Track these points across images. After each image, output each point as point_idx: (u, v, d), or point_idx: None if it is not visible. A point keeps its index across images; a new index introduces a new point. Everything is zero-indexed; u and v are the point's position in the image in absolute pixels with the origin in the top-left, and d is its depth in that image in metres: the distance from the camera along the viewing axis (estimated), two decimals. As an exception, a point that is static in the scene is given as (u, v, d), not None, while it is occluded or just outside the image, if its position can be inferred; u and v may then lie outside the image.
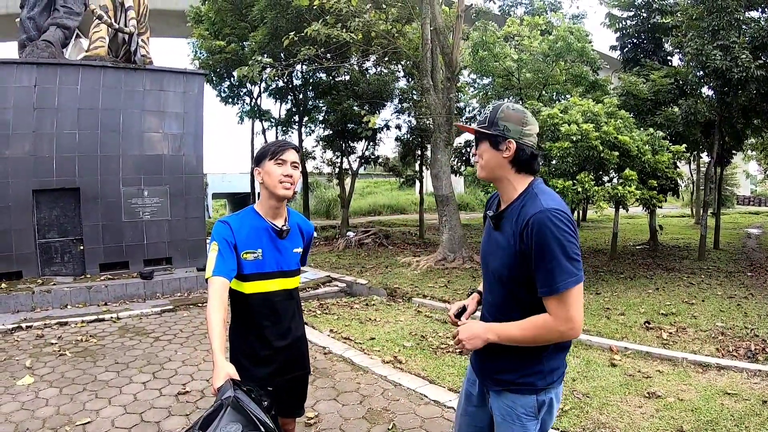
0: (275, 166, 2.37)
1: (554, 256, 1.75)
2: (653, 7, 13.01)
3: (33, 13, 9.79)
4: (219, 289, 2.17)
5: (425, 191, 21.00)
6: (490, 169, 1.98)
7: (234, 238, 2.35)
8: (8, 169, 8.89)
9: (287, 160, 2.39)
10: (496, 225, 2.00)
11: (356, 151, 19.16)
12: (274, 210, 2.46)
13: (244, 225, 2.41)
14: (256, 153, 2.50)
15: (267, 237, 2.44)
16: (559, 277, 1.75)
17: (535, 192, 1.91)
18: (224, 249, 2.28)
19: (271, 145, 2.45)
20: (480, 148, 1.99)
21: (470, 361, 2.24)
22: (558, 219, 1.78)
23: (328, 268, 12.08)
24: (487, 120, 1.95)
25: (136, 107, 9.94)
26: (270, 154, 2.39)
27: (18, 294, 8.16)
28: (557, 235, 1.76)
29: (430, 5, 12.00)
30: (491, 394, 2.05)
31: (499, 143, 1.93)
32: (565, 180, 8.86)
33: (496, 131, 1.93)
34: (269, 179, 2.38)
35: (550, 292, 1.77)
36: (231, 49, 15.91)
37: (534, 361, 1.93)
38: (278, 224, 2.47)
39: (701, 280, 9.56)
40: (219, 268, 2.23)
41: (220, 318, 2.08)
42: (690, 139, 11.60)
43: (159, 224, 10.09)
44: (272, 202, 2.44)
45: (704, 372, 5.07)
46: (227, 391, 1.62)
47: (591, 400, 4.40)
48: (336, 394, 4.70)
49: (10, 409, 4.46)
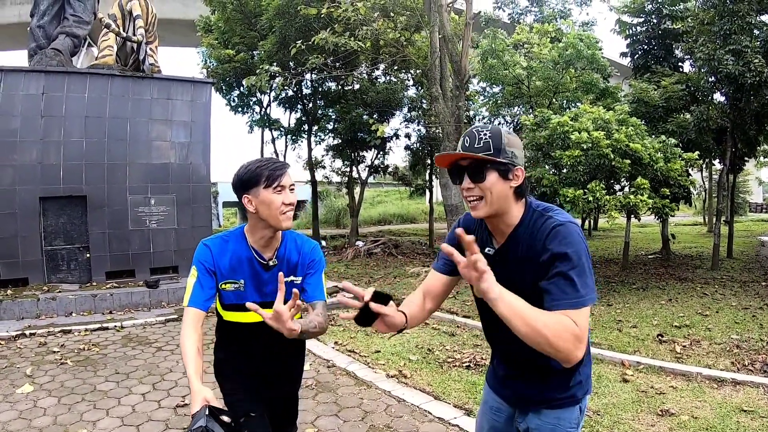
0: (274, 194, 2.04)
1: (575, 268, 1.61)
2: (663, 12, 12.87)
3: (43, 22, 9.86)
4: (192, 320, 2.03)
5: (435, 200, 20.89)
6: (498, 203, 1.72)
7: (213, 264, 2.14)
8: (15, 176, 8.94)
9: (286, 185, 2.06)
10: (502, 262, 1.77)
11: (366, 160, 19.12)
12: (266, 240, 2.18)
13: (226, 251, 2.16)
14: (239, 175, 2.09)
15: (250, 269, 2.18)
16: (580, 290, 1.59)
17: (539, 210, 1.76)
18: (202, 276, 2.11)
19: (262, 168, 2.05)
20: (487, 181, 1.70)
21: (490, 388, 2.10)
22: (575, 233, 1.66)
23: (336, 278, 11.99)
24: (492, 147, 1.69)
25: (143, 115, 9.95)
26: (265, 180, 2.03)
27: (23, 301, 8.14)
28: (578, 248, 1.63)
29: (438, 13, 11.94)
30: (529, 414, 1.93)
31: (509, 172, 1.71)
32: (575, 189, 8.71)
33: (506, 159, 1.70)
34: (267, 210, 2.05)
35: (567, 306, 1.57)
36: (240, 58, 15.93)
37: (573, 375, 1.86)
38: (266, 256, 2.19)
39: (715, 290, 9.35)
40: (194, 298, 2.07)
41: (193, 345, 1.95)
42: (702, 146, 11.41)
43: (166, 233, 10.07)
44: (267, 232, 2.15)
45: (719, 387, 4.90)
46: (199, 421, 1.52)
47: (601, 418, 4.25)
48: (338, 409, 4.58)
49: (7, 417, 4.41)
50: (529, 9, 19.88)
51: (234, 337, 2.27)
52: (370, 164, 19.12)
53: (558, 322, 1.52)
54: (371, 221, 28.63)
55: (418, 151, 18.67)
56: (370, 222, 28.44)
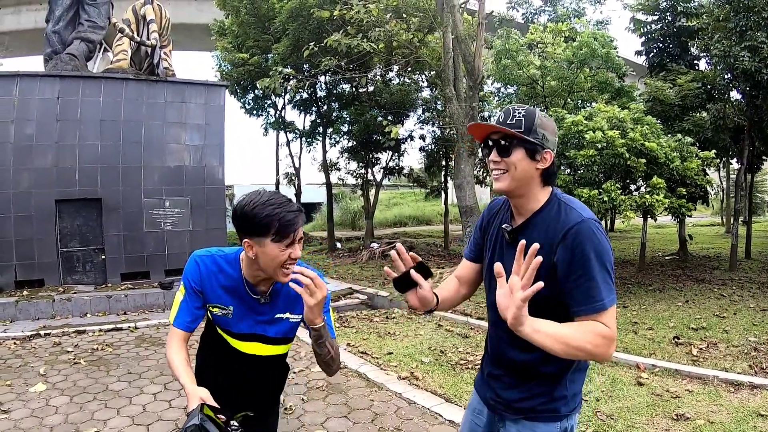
0: (280, 249, 1.78)
1: (598, 270, 1.60)
2: (678, 9, 12.70)
3: (58, 27, 9.98)
4: (178, 341, 1.92)
5: (450, 202, 20.82)
6: (522, 180, 1.73)
7: (200, 285, 1.94)
8: (32, 179, 9.06)
9: (296, 239, 1.80)
10: (513, 240, 1.77)
11: (380, 162, 19.11)
12: (261, 281, 1.95)
13: (217, 274, 1.95)
14: (244, 214, 1.79)
15: (240, 299, 1.97)
16: (604, 292, 1.60)
17: (563, 201, 1.75)
18: (189, 296, 1.94)
19: (273, 217, 1.74)
20: (513, 157, 1.71)
21: (476, 390, 2.07)
22: (600, 231, 1.65)
23: (350, 280, 11.98)
24: (523, 125, 1.71)
25: (157, 119, 10.03)
26: (275, 233, 1.75)
27: (39, 301, 8.24)
28: (600, 248, 1.62)
29: (451, 14, 11.89)
30: (507, 423, 1.87)
31: (537, 153, 1.72)
32: (590, 189, 8.61)
33: (536, 139, 1.72)
34: (267, 260, 1.80)
35: (594, 310, 1.59)
36: (254, 62, 16.00)
37: (557, 386, 1.78)
38: (260, 290, 1.97)
39: (733, 291, 9.19)
40: (180, 318, 1.94)
41: (183, 359, 1.86)
42: (719, 145, 11.25)
43: (180, 235, 10.12)
44: (261, 275, 1.90)
45: (736, 391, 4.80)
46: (193, 419, 1.51)
47: (615, 422, 4.18)
48: (348, 411, 4.56)
49: (20, 415, 4.46)
50: (542, 8, 19.76)
51: (218, 348, 2.10)
52: (385, 166, 19.09)
53: (591, 332, 1.57)
54: (386, 223, 28.59)
55: (433, 152, 18.61)
56: (386, 224, 28.40)
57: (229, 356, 2.06)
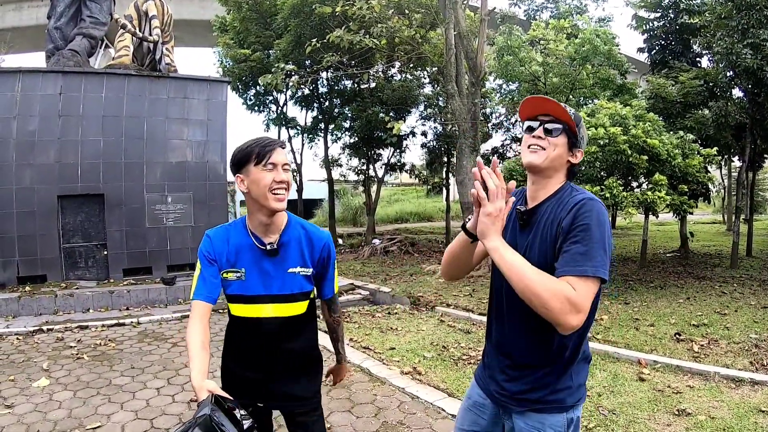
0: (264, 172, 1.94)
1: (593, 241, 1.64)
2: (680, 7, 12.67)
3: (60, 23, 9.97)
4: (199, 314, 1.95)
5: (452, 199, 20.82)
6: (554, 164, 1.84)
7: (213, 253, 2.04)
8: (34, 175, 9.06)
9: (278, 163, 1.95)
10: (525, 222, 1.86)
11: (382, 158, 19.13)
12: (264, 226, 2.05)
13: (226, 239, 2.07)
14: (234, 156, 2.03)
15: (250, 256, 2.07)
16: (593, 261, 1.62)
17: (573, 187, 1.85)
18: (205, 268, 2.02)
19: (253, 146, 1.97)
20: (557, 139, 1.82)
21: (477, 383, 2.07)
22: (604, 212, 1.72)
23: (352, 276, 12.00)
24: (575, 119, 1.84)
25: (160, 115, 10.03)
26: (255, 156, 1.94)
27: (41, 297, 8.26)
28: (601, 223, 1.68)
29: (453, 10, 11.88)
30: (513, 416, 1.87)
31: (574, 147, 1.87)
32: (592, 186, 8.62)
33: (578, 135, 1.87)
34: (257, 188, 1.95)
35: (575, 272, 1.59)
36: (256, 58, 16.00)
37: (562, 377, 1.80)
38: (266, 241, 2.06)
39: (734, 289, 9.20)
40: (199, 290, 1.99)
41: (199, 342, 1.86)
42: (721, 143, 11.26)
43: (182, 230, 10.13)
44: (262, 216, 2.02)
45: (737, 387, 4.81)
46: (204, 409, 1.52)
47: (617, 417, 4.19)
48: (351, 405, 4.57)
49: (23, 410, 4.48)
50: (545, 5, 19.69)
51: (241, 337, 2.15)
52: (387, 162, 19.12)
53: (555, 282, 1.58)
54: (388, 219, 28.60)
55: (435, 148, 18.62)
56: (387, 220, 28.41)
57: (253, 338, 2.10)
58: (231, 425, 1.50)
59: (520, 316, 1.82)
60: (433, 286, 10.41)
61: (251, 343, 2.12)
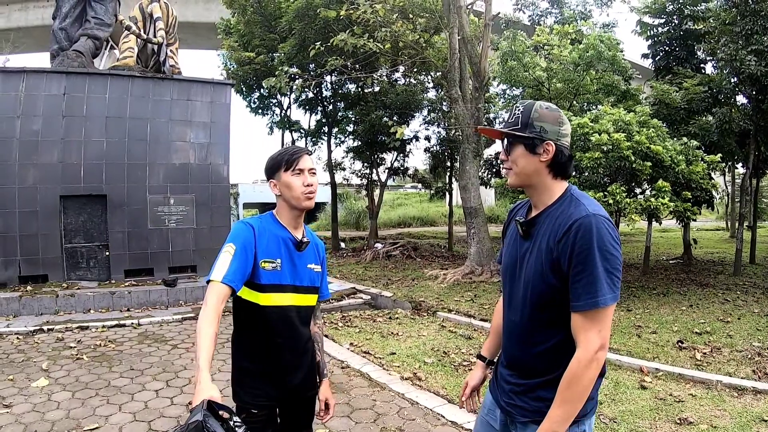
0: (294, 177, 2.18)
1: (596, 267, 1.59)
2: (685, 13, 12.66)
3: (65, 24, 10.00)
4: (218, 299, 1.94)
5: (455, 203, 20.80)
6: (526, 175, 1.79)
7: (255, 243, 2.14)
8: (37, 175, 9.08)
9: (305, 168, 2.20)
10: (525, 233, 1.83)
11: (385, 163, 19.12)
12: (295, 220, 2.29)
13: (265, 231, 2.21)
14: (266, 164, 2.28)
15: (286, 248, 2.25)
16: (601, 289, 1.59)
17: (575, 196, 1.76)
18: (242, 253, 2.07)
19: (283, 155, 2.23)
20: (514, 154, 1.78)
21: (489, 391, 2.06)
22: (605, 227, 1.63)
23: (354, 280, 11.97)
24: (519, 121, 1.76)
25: (163, 116, 10.04)
26: (285, 164, 2.19)
27: (42, 297, 8.26)
28: (603, 244, 1.61)
29: (457, 15, 11.89)
30: (518, 426, 1.85)
31: (536, 146, 1.75)
32: (595, 192, 8.58)
33: (533, 133, 1.75)
34: (290, 192, 2.19)
35: (587, 306, 1.60)
36: (260, 60, 16.03)
37: None
38: (298, 236, 2.29)
39: (737, 296, 9.16)
40: (231, 274, 2.00)
41: (213, 332, 1.86)
42: (725, 149, 11.21)
43: (184, 232, 10.13)
44: (295, 213, 2.27)
45: (740, 396, 4.77)
46: (196, 415, 1.50)
47: (618, 425, 4.15)
48: (350, 411, 4.55)
49: (21, 410, 4.47)
50: (549, 10, 19.73)
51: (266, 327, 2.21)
52: (390, 166, 19.11)
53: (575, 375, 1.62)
54: (390, 224, 28.60)
55: (438, 153, 18.61)
56: (390, 224, 28.40)
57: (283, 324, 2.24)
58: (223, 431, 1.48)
59: (521, 316, 1.81)
60: (435, 291, 10.39)
61: (280, 330, 2.23)
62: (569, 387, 1.63)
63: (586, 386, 1.63)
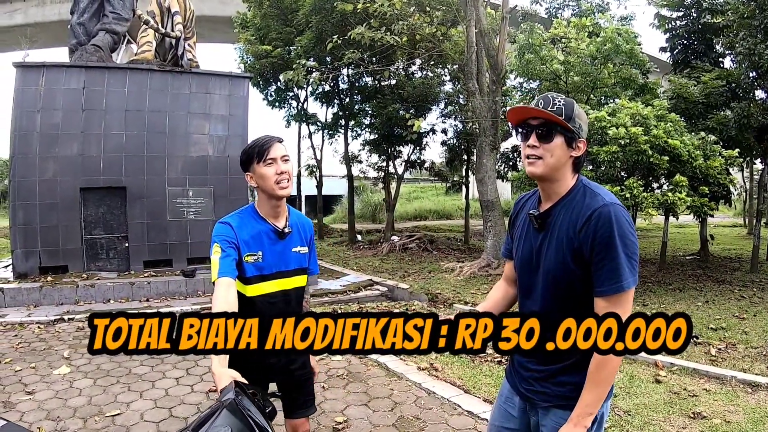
0: (266, 167, 2.25)
1: (618, 253, 1.65)
2: (703, 6, 12.49)
3: (83, 19, 10.13)
4: (227, 289, 2.07)
5: (471, 197, 20.78)
6: (556, 167, 1.78)
7: (236, 238, 2.26)
8: (57, 167, 9.23)
9: (276, 157, 2.25)
10: (541, 225, 1.85)
11: (402, 156, 19.14)
12: (275, 210, 2.37)
13: (244, 226, 2.32)
14: (240, 158, 2.37)
15: (267, 239, 2.35)
16: (623, 274, 1.66)
17: (588, 187, 1.81)
18: (225, 251, 2.19)
19: (254, 146, 2.29)
20: (552, 144, 1.76)
21: (506, 378, 2.10)
22: (622, 215, 1.70)
23: (371, 272, 12.04)
24: (564, 113, 1.75)
25: (182, 109, 10.14)
26: (257, 156, 2.26)
27: (63, 287, 8.42)
28: (622, 231, 1.67)
29: (474, 7, 11.86)
30: (539, 412, 1.89)
31: (573, 141, 1.78)
32: (612, 186, 8.56)
33: (574, 128, 1.77)
34: (264, 182, 2.27)
35: (612, 291, 1.67)
36: (277, 54, 16.08)
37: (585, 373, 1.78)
38: (279, 225, 2.38)
39: (753, 293, 9.09)
40: (224, 269, 2.14)
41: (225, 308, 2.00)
42: (743, 144, 11.09)
43: (203, 224, 10.23)
44: (273, 202, 2.34)
45: (754, 392, 4.76)
46: (228, 393, 1.56)
47: (632, 418, 4.18)
48: (368, 399, 4.61)
49: (44, 396, 4.58)
50: (566, 3, 19.55)
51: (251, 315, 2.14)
52: (407, 159, 19.13)
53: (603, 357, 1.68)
54: (407, 217, 28.65)
55: (455, 146, 18.59)
56: (406, 217, 28.44)
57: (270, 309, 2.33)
58: (256, 409, 1.55)
59: (544, 303, 1.85)
60: (451, 283, 10.42)
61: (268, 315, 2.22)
62: (599, 370, 1.69)
63: (615, 367, 1.71)
